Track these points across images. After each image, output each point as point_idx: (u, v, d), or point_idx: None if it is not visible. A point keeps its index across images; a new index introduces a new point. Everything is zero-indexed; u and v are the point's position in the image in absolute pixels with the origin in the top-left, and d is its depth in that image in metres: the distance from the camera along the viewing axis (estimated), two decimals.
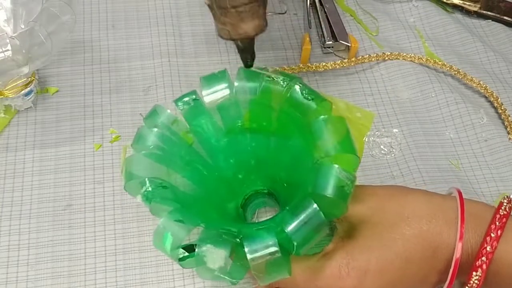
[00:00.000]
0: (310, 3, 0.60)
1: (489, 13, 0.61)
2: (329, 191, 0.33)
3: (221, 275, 0.33)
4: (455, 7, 0.62)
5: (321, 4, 0.60)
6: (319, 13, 0.59)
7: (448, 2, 0.62)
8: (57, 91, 0.53)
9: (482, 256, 0.33)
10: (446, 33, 0.60)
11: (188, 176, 0.40)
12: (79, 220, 0.46)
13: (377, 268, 0.35)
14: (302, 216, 0.33)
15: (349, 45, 0.55)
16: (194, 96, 0.41)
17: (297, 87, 0.38)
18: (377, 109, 0.53)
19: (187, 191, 0.39)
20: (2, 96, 0.49)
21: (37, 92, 0.52)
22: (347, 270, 0.35)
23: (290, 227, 0.33)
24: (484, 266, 0.33)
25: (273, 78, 0.39)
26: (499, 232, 0.34)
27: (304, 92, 0.38)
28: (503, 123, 0.53)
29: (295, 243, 0.32)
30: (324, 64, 0.55)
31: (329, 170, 0.34)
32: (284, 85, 0.39)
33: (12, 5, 0.49)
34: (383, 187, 0.40)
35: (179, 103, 0.41)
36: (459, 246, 0.34)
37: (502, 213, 0.35)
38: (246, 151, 0.43)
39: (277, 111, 0.40)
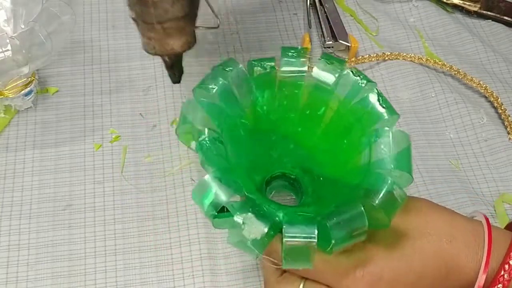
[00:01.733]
0: (310, 3, 0.60)
1: (489, 13, 0.61)
2: (380, 203, 0.33)
3: (252, 247, 0.32)
4: (455, 7, 0.62)
5: (321, 4, 0.60)
6: (319, 13, 0.59)
7: (448, 2, 0.62)
8: (57, 91, 0.53)
9: (499, 283, 0.33)
10: (446, 33, 0.60)
11: (231, 138, 0.39)
12: (79, 220, 0.46)
13: (391, 278, 0.35)
14: (347, 216, 0.33)
15: (349, 45, 0.55)
16: (272, 64, 0.40)
17: (375, 92, 0.38)
18: None
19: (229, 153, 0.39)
20: (2, 96, 0.49)
21: (37, 92, 0.52)
22: (362, 273, 0.35)
23: (333, 222, 0.32)
24: None
25: (354, 72, 0.39)
26: None
27: (380, 99, 0.38)
28: (503, 123, 0.53)
29: (332, 241, 0.32)
30: None
31: (385, 182, 0.34)
32: (361, 84, 0.38)
33: (12, 5, 0.49)
34: (410, 199, 0.39)
35: (256, 65, 0.40)
36: (482, 277, 0.34)
37: None
38: (290, 132, 0.43)
39: (340, 104, 0.39)
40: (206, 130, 0.36)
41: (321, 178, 0.41)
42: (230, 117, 0.39)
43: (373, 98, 0.38)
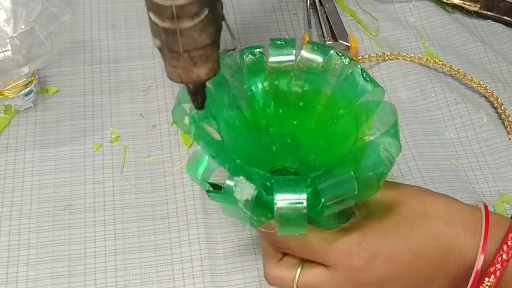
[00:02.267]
0: (310, 3, 0.60)
1: (489, 13, 0.61)
2: (368, 166, 0.34)
3: (244, 209, 0.33)
4: (455, 7, 0.62)
5: (321, 4, 0.60)
6: (319, 13, 0.59)
7: (448, 2, 0.62)
8: (57, 91, 0.53)
9: (497, 263, 0.34)
10: (446, 33, 0.60)
11: (227, 128, 0.41)
12: (79, 220, 0.46)
13: (388, 255, 0.35)
14: (337, 179, 0.34)
15: (349, 45, 0.55)
16: (261, 50, 0.42)
17: (358, 67, 0.40)
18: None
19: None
20: (2, 96, 0.49)
21: (37, 92, 0.52)
22: (358, 249, 0.35)
23: (323, 185, 0.33)
24: (498, 273, 0.33)
25: (341, 54, 0.40)
26: None
27: (364, 73, 0.39)
28: (503, 123, 0.53)
29: (322, 200, 0.33)
30: None
31: (373, 146, 0.35)
32: (346, 63, 0.40)
33: (12, 5, 0.49)
34: (407, 185, 0.40)
35: (247, 52, 0.41)
36: (480, 258, 0.34)
37: None
38: (286, 126, 0.43)
39: (331, 89, 0.41)
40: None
41: (322, 168, 0.42)
42: (226, 107, 0.40)
43: (357, 73, 0.40)
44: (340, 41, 0.56)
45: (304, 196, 0.33)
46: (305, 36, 0.56)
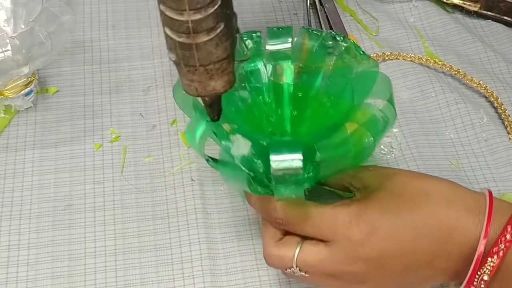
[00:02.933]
0: (310, 3, 0.60)
1: (489, 13, 0.61)
2: (363, 123, 0.35)
3: (242, 167, 0.35)
4: (455, 7, 0.62)
5: (321, 4, 0.60)
6: (319, 13, 0.59)
7: (448, 2, 0.62)
8: (57, 91, 0.53)
9: (501, 243, 0.33)
10: (446, 33, 0.60)
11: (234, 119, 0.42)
12: (79, 220, 0.46)
13: (387, 231, 0.35)
14: (334, 140, 0.34)
15: None
16: (259, 33, 0.43)
17: (351, 43, 0.41)
18: None
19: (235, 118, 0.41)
20: (2, 96, 0.49)
21: (37, 92, 0.52)
22: (357, 221, 0.35)
23: (319, 143, 0.34)
24: (501, 253, 0.33)
25: (334, 34, 0.42)
26: None
27: (355, 47, 0.41)
28: (503, 123, 0.53)
29: (318, 155, 0.34)
30: None
31: (368, 107, 0.36)
32: (340, 40, 0.42)
33: (12, 5, 0.49)
34: (408, 170, 0.41)
35: (245, 37, 0.42)
36: (483, 239, 0.34)
37: None
38: (287, 116, 0.44)
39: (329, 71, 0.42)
40: None
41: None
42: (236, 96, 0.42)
43: (351, 47, 0.41)
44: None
45: (299, 155, 0.33)
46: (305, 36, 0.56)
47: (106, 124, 0.51)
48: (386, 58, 0.56)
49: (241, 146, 0.35)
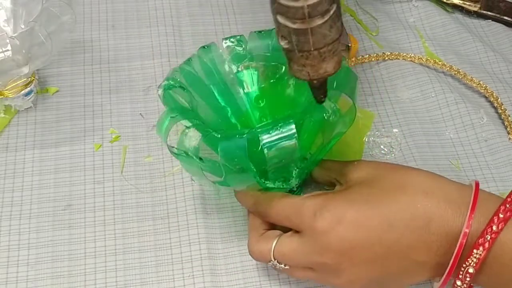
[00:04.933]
0: None
1: (489, 13, 0.61)
2: (313, 115, 0.37)
3: (193, 157, 0.37)
4: (455, 7, 0.62)
5: None
6: None
7: (448, 2, 0.62)
8: (57, 91, 0.53)
9: (487, 234, 0.32)
10: (446, 33, 0.60)
11: (215, 112, 0.45)
12: (79, 220, 0.46)
13: (353, 220, 0.35)
14: (278, 132, 0.35)
15: (349, 45, 0.55)
16: (240, 37, 0.45)
17: None
18: (377, 109, 0.53)
19: (210, 116, 0.44)
20: (2, 96, 0.49)
21: (37, 92, 0.52)
22: (321, 211, 0.35)
23: (265, 137, 0.35)
24: (487, 245, 0.32)
25: None
26: (508, 214, 0.32)
27: None
28: (503, 123, 0.53)
29: (265, 153, 0.35)
30: None
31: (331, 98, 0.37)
32: None
33: (12, 5, 0.49)
34: (390, 163, 0.41)
35: (226, 42, 0.45)
36: (466, 227, 0.33)
37: None
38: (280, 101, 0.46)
39: None
40: (171, 77, 0.42)
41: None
42: (213, 94, 0.45)
43: None
44: (340, 41, 0.56)
45: (292, 127, 0.35)
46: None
47: (106, 124, 0.51)
48: (386, 58, 0.56)
49: (191, 139, 0.37)
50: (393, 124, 0.52)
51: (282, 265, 0.38)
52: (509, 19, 0.60)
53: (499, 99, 0.54)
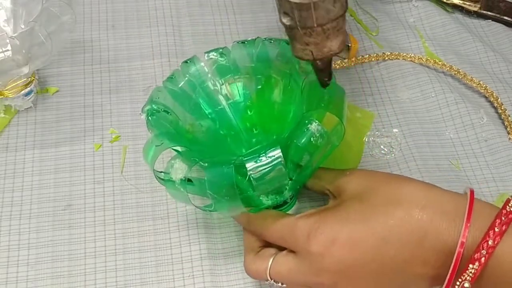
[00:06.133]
0: None
1: (489, 13, 0.61)
2: (299, 140, 0.36)
3: (181, 188, 0.36)
4: (455, 7, 0.62)
5: None
6: None
7: (448, 2, 0.62)
8: (57, 91, 0.53)
9: (482, 249, 0.32)
10: (446, 33, 0.60)
11: (204, 125, 0.44)
12: (79, 220, 0.46)
13: (347, 240, 0.34)
14: (264, 158, 0.34)
15: (349, 45, 0.55)
16: (222, 50, 0.45)
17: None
18: (377, 109, 0.53)
19: (198, 135, 0.43)
20: (2, 96, 0.49)
21: (37, 92, 0.52)
22: (315, 234, 0.35)
23: (250, 165, 0.34)
24: (483, 260, 0.32)
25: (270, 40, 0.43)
26: (504, 227, 0.32)
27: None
28: (503, 123, 0.53)
29: (252, 181, 0.34)
30: None
31: (305, 121, 0.36)
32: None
33: (12, 5, 0.49)
34: (384, 172, 0.39)
35: (209, 55, 0.45)
36: (461, 241, 0.32)
37: (509, 210, 0.33)
38: (269, 107, 0.45)
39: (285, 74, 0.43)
40: (153, 101, 0.42)
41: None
42: (199, 106, 0.44)
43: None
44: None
45: (278, 152, 0.34)
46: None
47: (106, 124, 0.51)
48: (386, 58, 0.56)
49: (178, 171, 0.36)
50: (393, 124, 0.52)
51: (279, 284, 0.38)
52: (509, 19, 0.60)
53: (499, 99, 0.54)
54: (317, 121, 0.36)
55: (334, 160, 0.43)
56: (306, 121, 0.36)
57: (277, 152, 0.34)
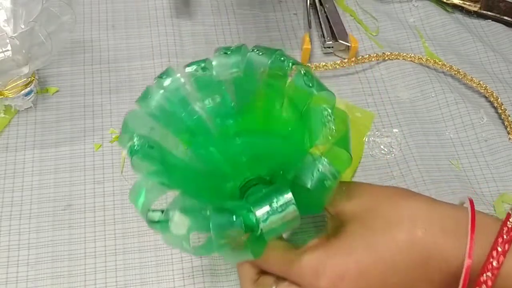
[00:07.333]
0: (310, 3, 0.60)
1: (489, 13, 0.61)
2: (309, 183, 0.32)
3: (184, 244, 0.32)
4: (455, 7, 0.62)
5: (321, 4, 0.60)
6: (319, 13, 0.59)
7: (448, 2, 0.62)
8: (57, 91, 0.53)
9: (487, 271, 0.31)
10: (446, 33, 0.60)
11: (190, 146, 0.39)
12: (79, 220, 0.46)
13: (357, 271, 0.34)
14: (274, 204, 0.31)
15: (349, 45, 0.55)
16: (204, 64, 0.39)
17: (301, 72, 0.37)
18: (377, 109, 0.53)
19: (187, 160, 0.39)
20: (2, 96, 0.49)
21: (37, 92, 0.52)
22: (324, 269, 0.34)
23: (260, 212, 0.31)
24: (490, 282, 0.31)
25: (283, 59, 0.38)
26: (506, 246, 0.32)
27: (305, 78, 0.37)
28: (503, 123, 0.53)
29: (261, 229, 0.31)
30: (324, 64, 0.55)
31: (313, 161, 0.33)
32: (287, 67, 0.37)
33: (12, 5, 0.49)
34: (383, 187, 0.38)
35: (192, 68, 0.40)
36: (467, 264, 0.32)
37: (510, 226, 0.33)
38: (255, 132, 0.42)
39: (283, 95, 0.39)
40: (135, 135, 0.36)
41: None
42: (183, 124, 0.39)
43: (299, 78, 0.37)
44: (340, 41, 0.56)
45: (289, 196, 0.32)
46: (305, 36, 0.56)
47: (106, 124, 0.51)
48: (386, 58, 0.56)
49: (179, 225, 0.32)
50: (393, 124, 0.52)
51: None
52: (509, 19, 0.60)
53: (499, 99, 0.54)
54: (326, 159, 0.33)
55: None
56: (316, 161, 0.33)
57: (288, 196, 0.31)
